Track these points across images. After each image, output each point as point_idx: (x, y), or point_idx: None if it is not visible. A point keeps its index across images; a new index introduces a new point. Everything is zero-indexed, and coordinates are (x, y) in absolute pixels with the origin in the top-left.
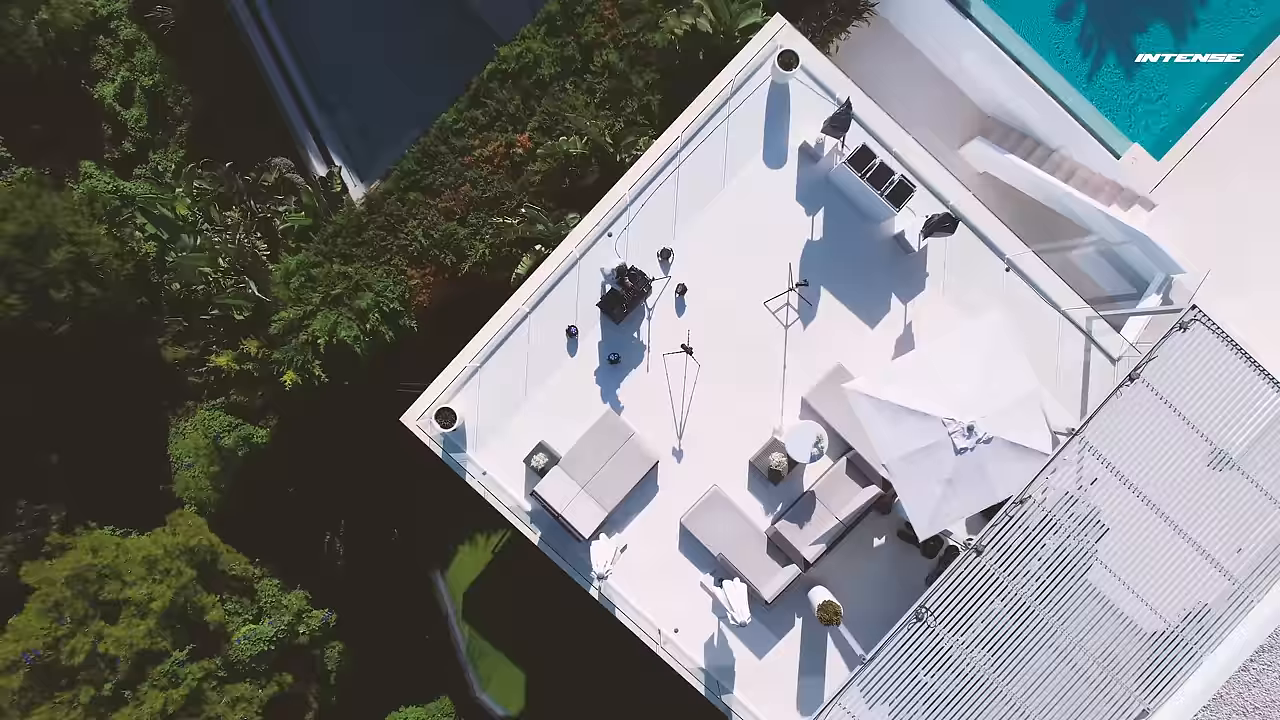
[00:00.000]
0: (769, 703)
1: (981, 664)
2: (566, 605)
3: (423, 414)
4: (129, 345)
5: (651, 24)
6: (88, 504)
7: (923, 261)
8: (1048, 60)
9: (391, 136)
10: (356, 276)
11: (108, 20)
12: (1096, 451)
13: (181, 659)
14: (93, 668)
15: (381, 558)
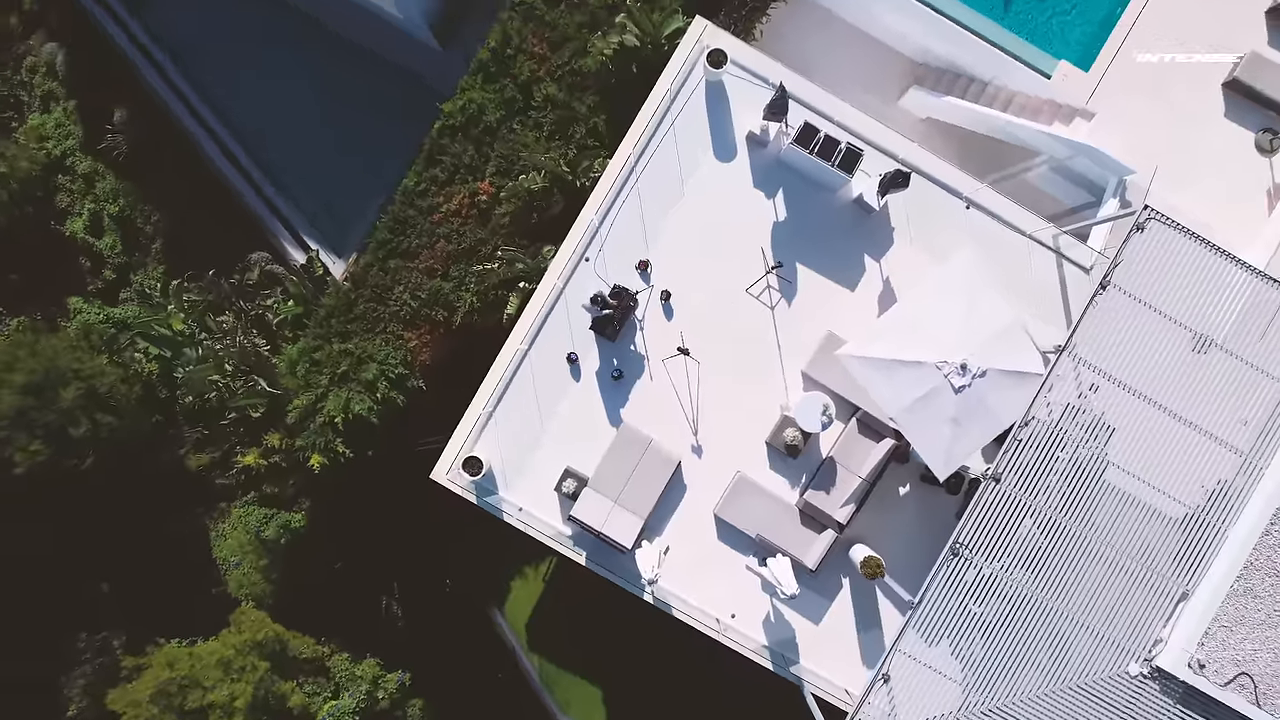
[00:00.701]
0: (835, 664)
1: (1024, 583)
2: (624, 615)
3: (450, 467)
4: (153, 463)
5: (581, 50)
6: (148, 623)
7: (886, 218)
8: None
9: (356, 209)
10: (357, 351)
11: (63, 159)
12: (1087, 361)
13: None
14: None
15: (440, 609)
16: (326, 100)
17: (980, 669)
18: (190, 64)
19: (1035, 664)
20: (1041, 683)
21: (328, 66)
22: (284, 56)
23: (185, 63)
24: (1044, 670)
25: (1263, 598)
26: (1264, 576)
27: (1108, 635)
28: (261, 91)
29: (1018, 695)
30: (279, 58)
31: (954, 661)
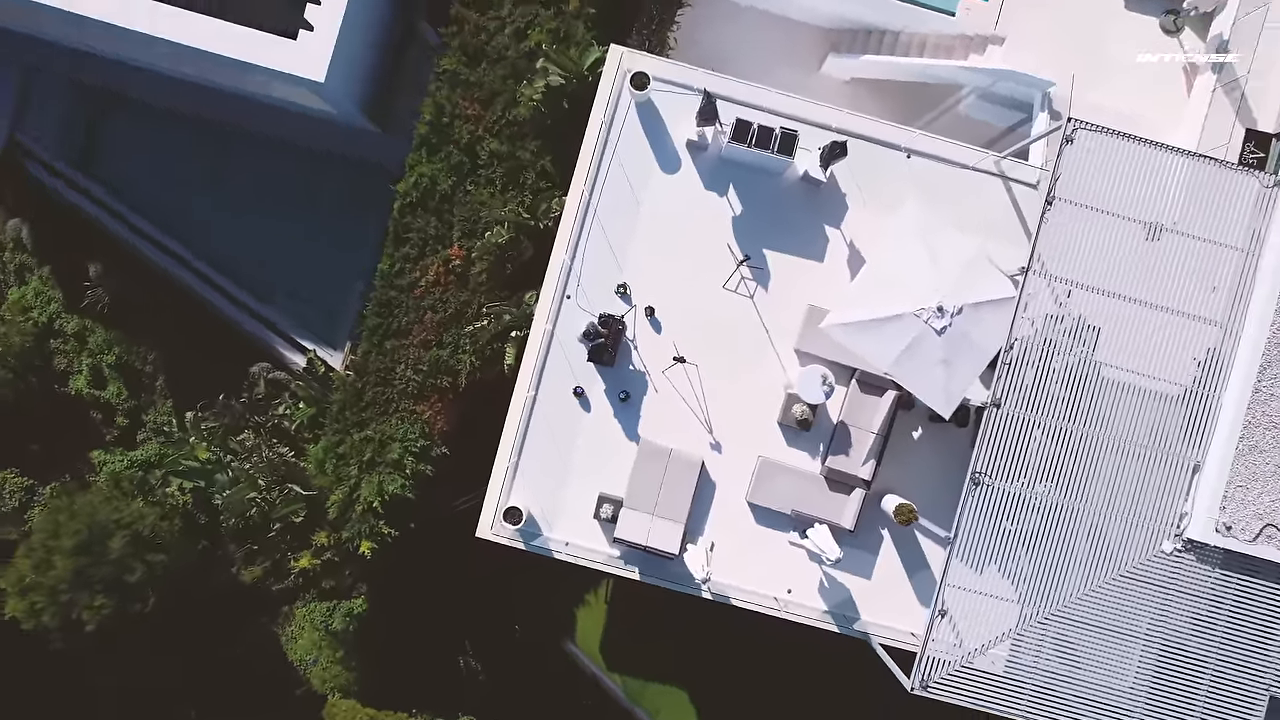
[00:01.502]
0: (895, 612)
1: (1050, 493)
2: (690, 615)
3: (492, 522)
4: (208, 587)
5: (511, 101)
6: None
7: (836, 186)
8: None
9: (340, 301)
10: (377, 436)
11: (51, 324)
12: (1053, 274)
13: None
14: None
15: (515, 654)
16: (286, 206)
17: (1028, 581)
18: (148, 204)
19: (1077, 563)
20: (1087, 579)
21: (280, 173)
22: (236, 174)
23: (143, 204)
24: (1086, 566)
25: (1268, 450)
26: (1264, 431)
27: (1136, 520)
28: (222, 213)
29: (1068, 596)
30: (232, 176)
31: (1003, 581)
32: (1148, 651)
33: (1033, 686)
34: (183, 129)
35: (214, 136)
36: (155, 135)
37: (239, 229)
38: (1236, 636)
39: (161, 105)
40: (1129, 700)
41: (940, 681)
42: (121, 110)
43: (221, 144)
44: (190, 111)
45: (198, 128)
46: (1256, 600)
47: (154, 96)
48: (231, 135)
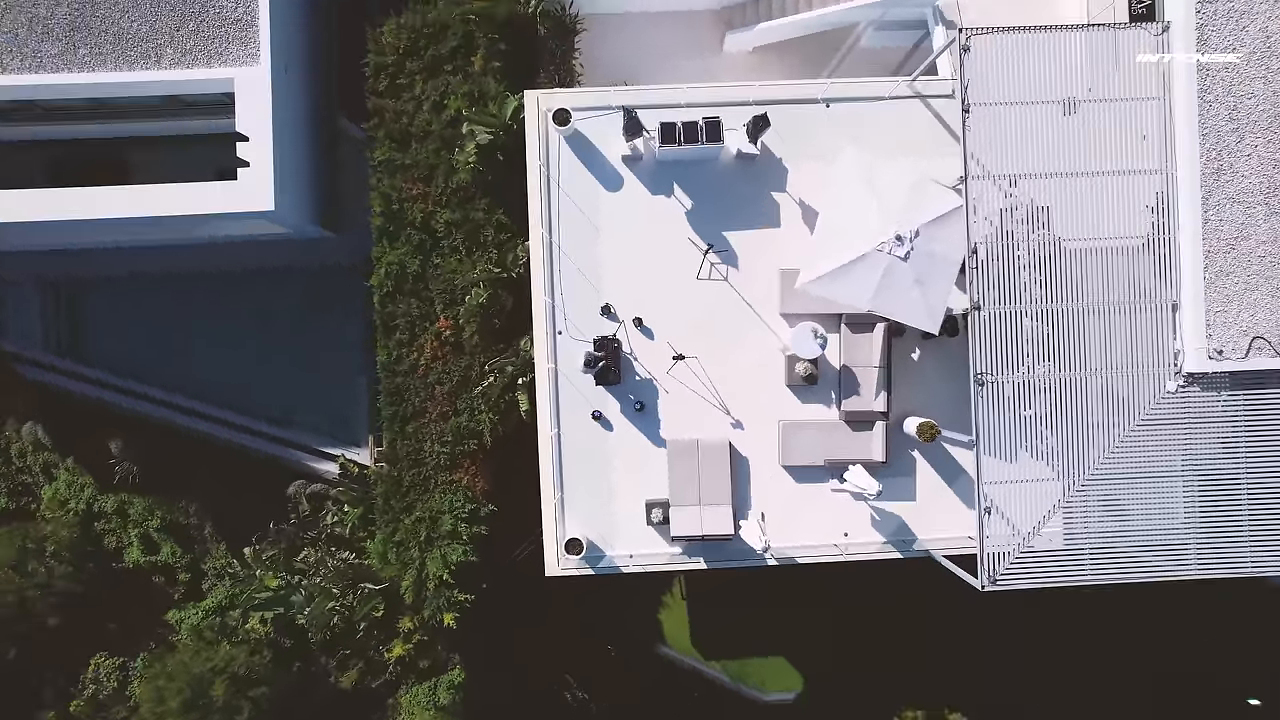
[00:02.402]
0: (947, 523)
1: (1051, 371)
2: (766, 585)
3: (557, 559)
4: (314, 703)
5: (450, 169)
6: None
7: (770, 154)
8: None
9: (349, 402)
10: (426, 514)
11: (91, 509)
12: (991, 174)
13: None
14: None
15: (615, 673)
16: (272, 328)
17: (1059, 456)
18: (143, 367)
19: (1096, 425)
20: (1110, 436)
21: (256, 301)
22: (214, 315)
23: (139, 369)
24: (1105, 426)
25: (1233, 272)
26: (1223, 256)
27: (1138, 370)
28: (214, 354)
29: (1098, 458)
30: (211, 318)
31: (1036, 462)
32: (1188, 486)
33: (1092, 550)
34: (154, 289)
35: (185, 286)
36: (130, 302)
37: (234, 364)
38: (1260, 447)
39: (126, 274)
40: (1183, 535)
41: (1006, 572)
42: (92, 290)
43: (193, 291)
44: (157, 270)
45: (167, 284)
46: (1267, 409)
47: (117, 269)
48: (201, 280)
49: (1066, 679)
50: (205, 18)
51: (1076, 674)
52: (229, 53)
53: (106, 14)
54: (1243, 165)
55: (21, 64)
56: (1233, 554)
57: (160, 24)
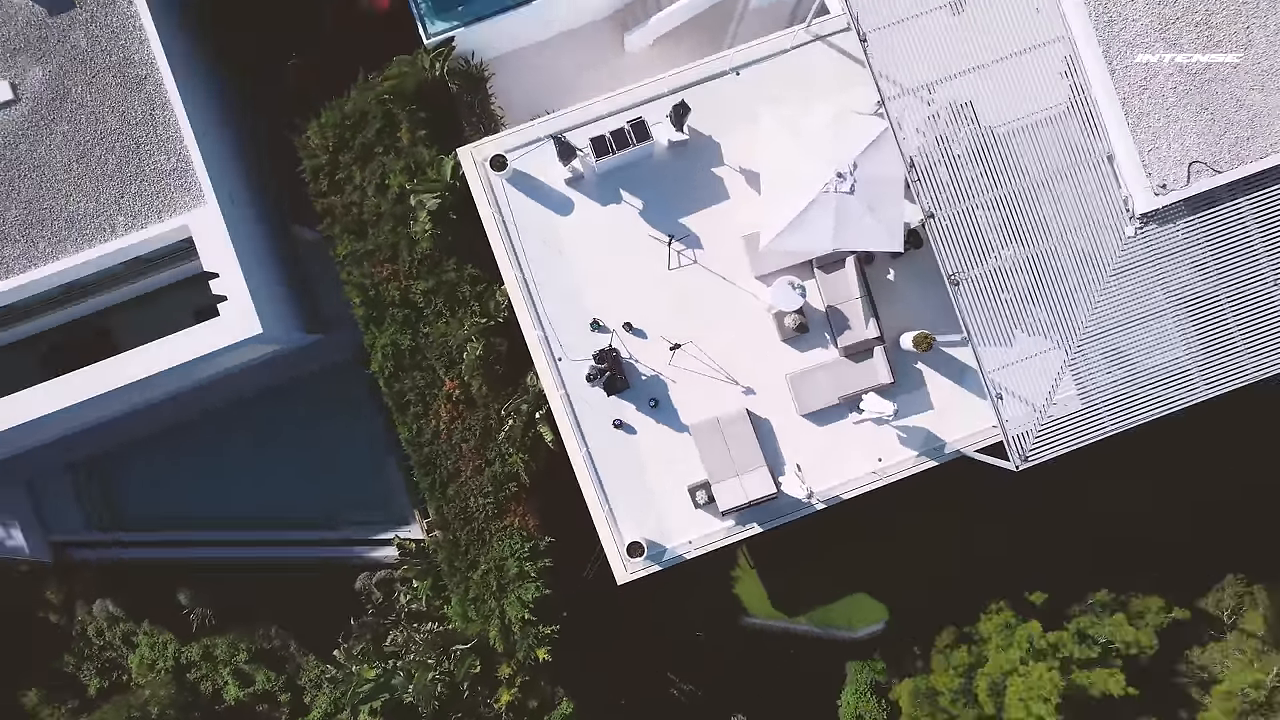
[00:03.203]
0: (968, 423)
1: (1017, 252)
2: (822, 530)
3: (624, 566)
4: None
5: (410, 241)
6: None
7: (699, 134)
8: None
9: (384, 484)
10: (491, 565)
11: (179, 661)
12: (905, 88)
13: None
14: None
15: (710, 657)
16: (292, 439)
17: (1048, 327)
18: (184, 515)
19: (1074, 286)
20: (1090, 292)
21: (269, 421)
22: (236, 445)
23: (180, 517)
24: (1083, 284)
25: (1150, 110)
26: (1138, 98)
27: (1097, 225)
28: (246, 481)
29: (1087, 316)
30: (234, 449)
31: (1031, 338)
32: (1176, 316)
33: (1110, 401)
34: (172, 438)
35: (200, 428)
36: (153, 458)
37: (268, 484)
38: (1228, 259)
39: (144, 434)
40: (1186, 365)
41: (1035, 447)
42: (116, 459)
43: (210, 429)
44: (171, 421)
45: (183, 430)
46: (1224, 222)
47: (134, 430)
48: (213, 417)
49: (1107, 523)
50: (144, 178)
51: (1116, 517)
52: (175, 202)
53: (53, 203)
54: (1129, 10)
55: None
56: (1234, 365)
57: (104, 197)
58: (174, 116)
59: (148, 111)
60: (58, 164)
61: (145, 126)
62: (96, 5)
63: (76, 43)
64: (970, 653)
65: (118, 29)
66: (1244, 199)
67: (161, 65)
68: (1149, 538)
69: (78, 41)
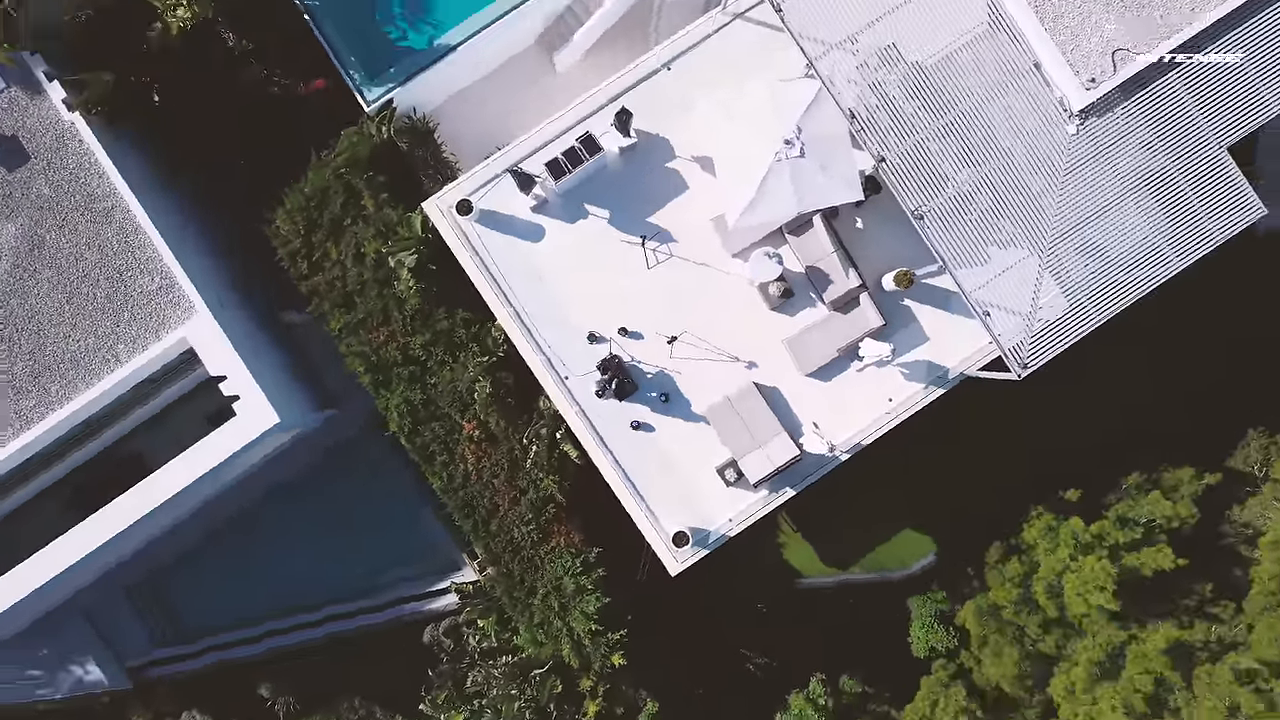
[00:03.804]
0: (965, 345)
1: (972, 174)
2: (850, 481)
3: (674, 557)
4: None
5: (398, 300)
6: None
7: (646, 135)
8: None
9: (427, 535)
10: (548, 587)
11: None
12: (830, 44)
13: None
14: None
15: (774, 626)
16: (331, 515)
17: (1019, 235)
18: (244, 613)
19: (1035, 192)
20: (1052, 195)
21: (306, 502)
22: (278, 535)
23: (242, 615)
24: (1043, 189)
25: (1065, 11)
26: (1048, 2)
27: (1041, 130)
28: (296, 565)
29: (1053, 218)
30: (277, 538)
31: (1005, 251)
32: (1137, 199)
33: (1092, 292)
34: (216, 544)
35: (241, 526)
36: (202, 566)
37: (318, 563)
38: (1172, 131)
39: (188, 549)
40: (1155, 241)
41: (1032, 353)
42: (167, 574)
43: (250, 525)
44: (211, 525)
45: (225, 533)
46: (1159, 99)
47: (178, 546)
48: (250, 514)
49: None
50: (134, 303)
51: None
52: (169, 318)
53: (55, 347)
54: None
55: (14, 430)
56: (1200, 231)
57: (101, 330)
58: (148, 239)
59: (122, 240)
60: (50, 310)
61: (124, 254)
62: (51, 152)
63: (40, 191)
64: (1022, 562)
65: (76, 170)
66: (1172, 73)
67: (125, 193)
68: (1151, 428)
69: (41, 190)
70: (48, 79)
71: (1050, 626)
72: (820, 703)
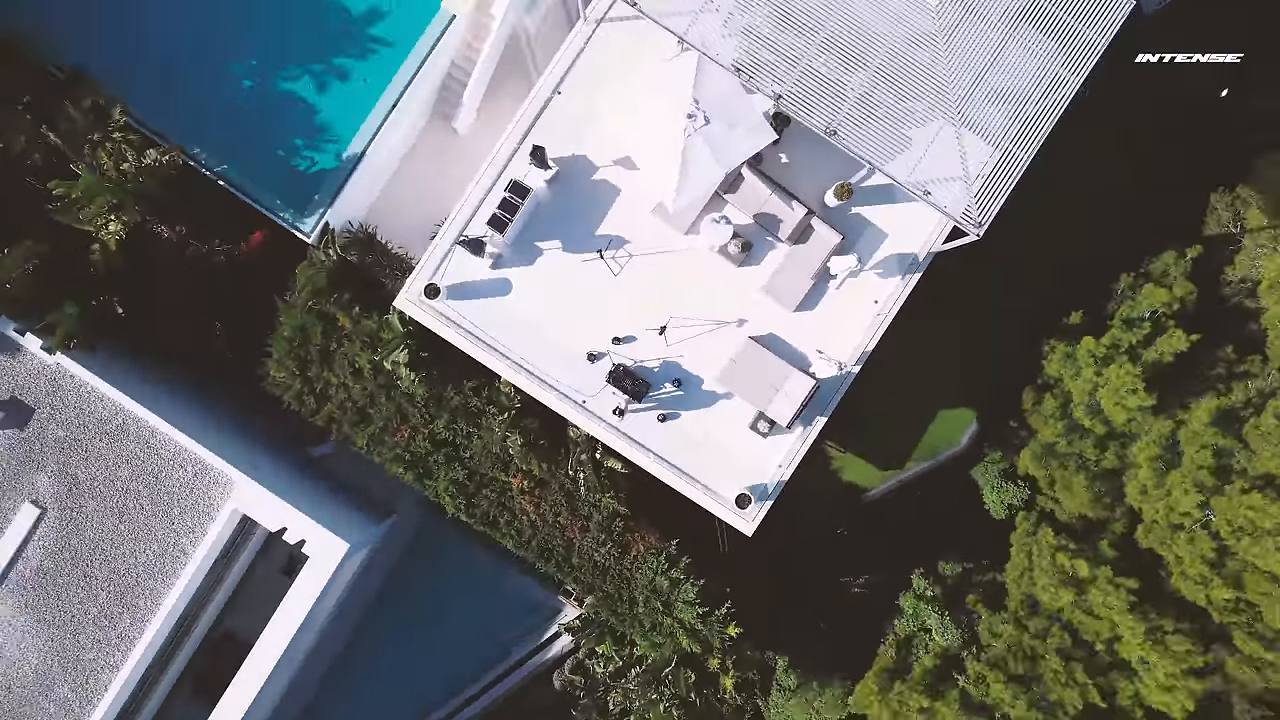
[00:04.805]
0: (923, 227)
1: (864, 76)
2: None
3: (744, 520)
4: None
5: (407, 396)
6: None
7: (564, 161)
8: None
9: (522, 590)
10: (646, 590)
11: None
12: (687, 9)
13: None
14: None
15: (852, 548)
16: (425, 611)
17: (929, 110)
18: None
19: (928, 67)
20: (944, 63)
21: (399, 612)
22: (386, 651)
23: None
24: (932, 61)
25: None
26: None
27: (911, 13)
28: (416, 667)
29: (955, 84)
30: (389, 654)
31: (922, 128)
32: (1019, 37)
33: (1013, 134)
34: (339, 669)
35: (356, 647)
36: (337, 694)
37: (434, 658)
38: None
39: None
40: (1050, 68)
41: (982, 210)
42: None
43: (366, 644)
44: (331, 659)
45: (343, 659)
46: None
47: (302, 702)
48: (362, 632)
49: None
50: (178, 497)
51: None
52: (214, 497)
53: (126, 564)
54: None
55: (123, 651)
56: (1083, 42)
57: (160, 533)
58: (167, 436)
59: (145, 447)
60: (108, 535)
61: (151, 458)
62: (50, 396)
63: (55, 435)
64: (1055, 396)
65: (78, 403)
66: None
67: (130, 406)
68: (1126, 222)
69: (56, 433)
70: (20, 334)
71: (1104, 443)
72: (929, 595)
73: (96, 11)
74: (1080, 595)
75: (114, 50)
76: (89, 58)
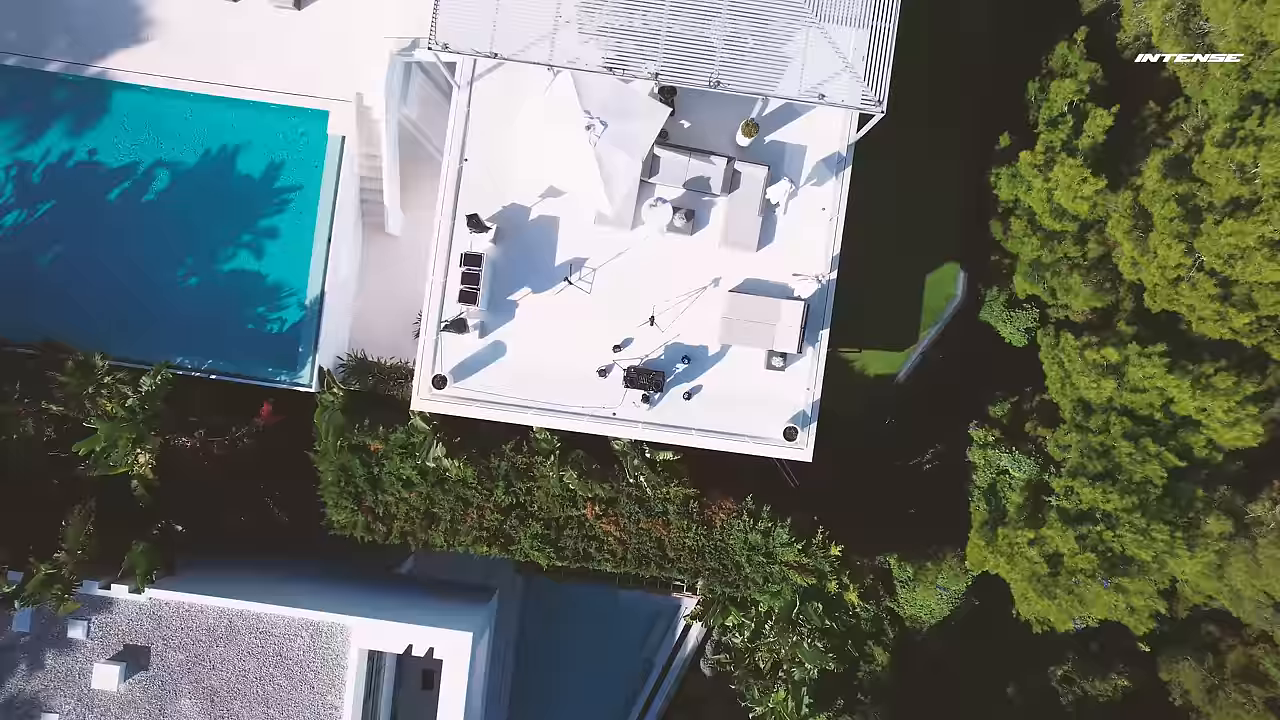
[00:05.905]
0: (835, 128)
1: (717, 23)
2: (861, 286)
3: (798, 450)
4: None
5: (463, 484)
6: None
7: (500, 214)
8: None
9: (643, 605)
10: (744, 551)
11: None
12: (531, 47)
13: None
14: None
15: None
16: (557, 655)
17: (767, 14)
18: None
19: None
20: None
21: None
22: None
23: None
24: None
25: None
26: None
27: None
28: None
29: None
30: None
31: (790, 40)
32: None
33: (870, 7)
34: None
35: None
36: None
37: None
38: None
39: None
40: None
41: (875, 89)
42: None
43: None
44: None
45: None
46: None
47: None
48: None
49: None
50: (305, 661)
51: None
52: (336, 646)
53: None
54: None
55: None
56: None
57: (305, 699)
58: (275, 614)
59: (257, 632)
60: None
61: (268, 641)
62: (158, 629)
63: (177, 659)
64: (1019, 216)
65: (183, 623)
66: None
67: (225, 604)
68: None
69: (176, 658)
70: (106, 589)
71: (1081, 237)
72: (991, 440)
73: (39, 289)
74: (1121, 379)
75: (71, 313)
76: (51, 328)
